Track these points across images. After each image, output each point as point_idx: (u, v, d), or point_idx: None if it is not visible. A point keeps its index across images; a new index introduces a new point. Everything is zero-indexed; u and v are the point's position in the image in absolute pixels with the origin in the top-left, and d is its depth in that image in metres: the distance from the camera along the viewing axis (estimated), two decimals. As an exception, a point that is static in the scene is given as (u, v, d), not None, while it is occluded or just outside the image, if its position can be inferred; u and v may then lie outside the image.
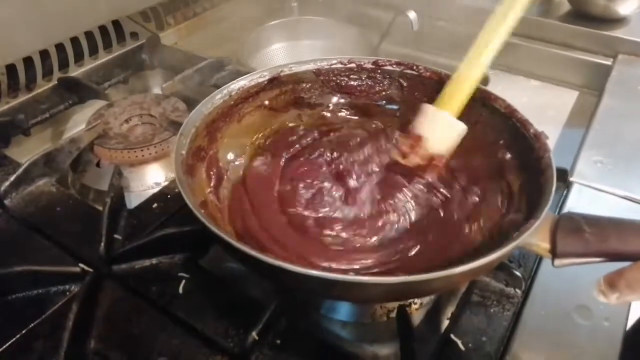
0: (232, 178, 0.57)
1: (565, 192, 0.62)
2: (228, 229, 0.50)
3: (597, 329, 0.47)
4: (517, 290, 0.50)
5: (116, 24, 0.92)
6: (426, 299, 0.53)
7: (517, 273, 0.50)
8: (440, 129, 0.52)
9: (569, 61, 0.92)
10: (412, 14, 0.90)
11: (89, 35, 0.88)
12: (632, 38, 0.89)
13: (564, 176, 0.63)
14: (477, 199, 0.53)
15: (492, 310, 0.48)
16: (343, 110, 0.64)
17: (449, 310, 0.51)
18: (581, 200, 0.61)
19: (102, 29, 0.90)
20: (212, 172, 0.54)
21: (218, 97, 0.55)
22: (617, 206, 0.60)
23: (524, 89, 0.92)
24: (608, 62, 0.89)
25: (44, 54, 0.82)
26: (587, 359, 0.45)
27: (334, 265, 0.47)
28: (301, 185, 0.56)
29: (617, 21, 0.93)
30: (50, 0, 0.78)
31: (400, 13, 0.92)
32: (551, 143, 0.76)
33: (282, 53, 1.06)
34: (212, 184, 0.53)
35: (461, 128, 0.52)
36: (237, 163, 0.58)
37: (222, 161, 0.56)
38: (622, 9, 0.91)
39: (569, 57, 0.92)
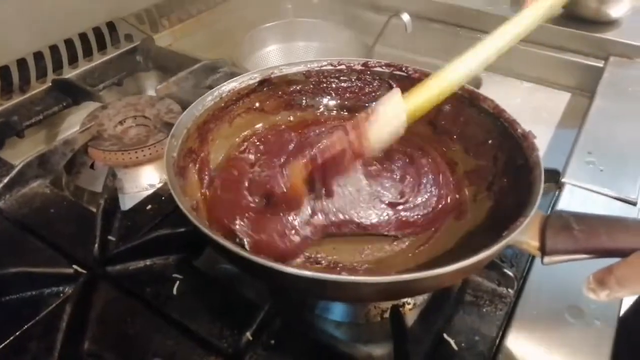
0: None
1: (557, 193, 0.62)
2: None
3: (589, 329, 0.47)
4: (510, 290, 0.50)
5: (110, 25, 0.92)
6: (420, 299, 0.53)
7: (510, 273, 0.50)
8: (387, 119, 0.46)
9: (561, 63, 0.93)
10: (405, 17, 0.90)
11: (83, 37, 0.87)
12: (624, 40, 0.90)
13: (556, 177, 0.63)
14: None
15: (484, 310, 0.49)
16: (333, 111, 0.64)
17: (443, 310, 0.51)
18: (573, 201, 0.61)
19: (97, 30, 0.90)
20: (204, 174, 0.54)
21: (209, 99, 0.56)
22: (609, 207, 0.60)
23: (517, 90, 0.93)
24: (600, 64, 0.90)
25: (38, 55, 0.82)
26: (579, 358, 0.45)
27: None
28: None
29: (609, 23, 0.94)
30: (45, 2, 0.78)
31: (394, 15, 0.92)
32: (543, 144, 0.76)
33: (277, 55, 1.06)
34: (204, 186, 0.53)
35: (400, 129, 0.47)
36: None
37: (214, 163, 0.57)
38: (614, 12, 0.92)
39: (561, 59, 0.93)
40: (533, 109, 0.87)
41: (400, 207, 0.52)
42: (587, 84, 0.89)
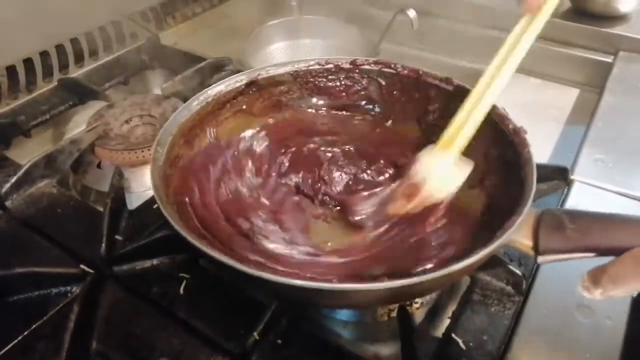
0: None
1: (566, 190, 0.62)
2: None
3: (599, 328, 0.47)
4: (518, 288, 0.50)
5: (116, 24, 0.92)
6: (427, 298, 0.52)
7: (518, 272, 0.50)
8: (443, 172, 0.49)
9: (569, 59, 0.92)
10: (412, 13, 0.89)
11: (88, 36, 0.88)
12: (633, 35, 0.89)
13: (565, 174, 0.63)
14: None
15: (493, 309, 0.48)
16: (322, 111, 0.63)
17: (450, 309, 0.51)
18: (582, 198, 0.60)
19: (102, 29, 0.90)
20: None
21: (195, 104, 0.54)
22: (618, 204, 0.60)
23: (524, 87, 0.92)
24: (609, 60, 0.89)
25: (44, 55, 0.82)
26: (589, 358, 0.45)
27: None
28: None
29: (618, 18, 0.93)
30: (50, 2, 0.78)
31: (400, 12, 0.92)
32: (552, 141, 0.75)
33: (282, 53, 1.06)
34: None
35: (467, 168, 0.49)
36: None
37: None
38: (623, 6, 0.91)
39: (570, 55, 0.92)
40: (541, 105, 0.86)
41: None
42: (596, 80, 0.88)
